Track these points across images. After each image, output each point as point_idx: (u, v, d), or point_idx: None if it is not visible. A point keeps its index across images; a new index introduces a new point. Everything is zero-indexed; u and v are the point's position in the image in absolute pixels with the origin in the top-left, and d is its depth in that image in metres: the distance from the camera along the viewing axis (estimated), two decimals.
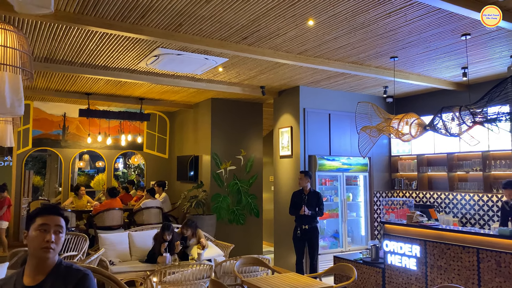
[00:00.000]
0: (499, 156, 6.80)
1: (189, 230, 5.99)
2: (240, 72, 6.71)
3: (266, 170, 10.27)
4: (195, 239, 6.04)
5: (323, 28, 4.71)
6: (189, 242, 5.99)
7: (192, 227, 6.03)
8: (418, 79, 6.83)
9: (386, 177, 8.58)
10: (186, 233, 5.98)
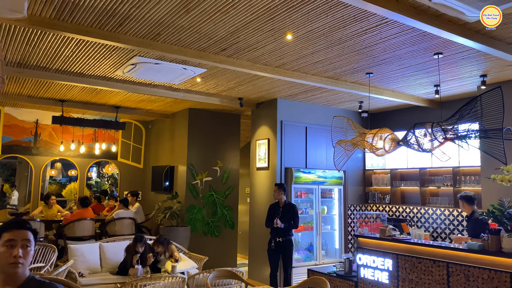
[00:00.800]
0: (468, 172, 7.00)
1: (161, 247, 5.89)
2: (218, 83, 6.71)
3: (242, 182, 10.25)
4: (167, 254, 5.94)
5: (301, 43, 4.78)
6: (159, 257, 5.87)
7: (164, 245, 5.91)
8: (392, 95, 6.99)
9: (360, 191, 8.69)
10: (157, 249, 5.87)
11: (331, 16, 4.04)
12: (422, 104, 7.44)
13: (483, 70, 5.71)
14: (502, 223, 4.11)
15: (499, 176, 4.17)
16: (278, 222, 6.12)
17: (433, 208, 7.45)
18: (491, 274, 4.05)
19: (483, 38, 4.45)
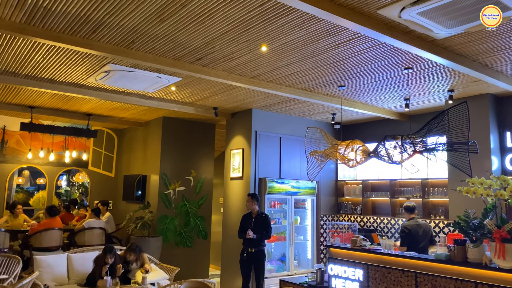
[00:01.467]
0: (437, 184, 7.20)
1: (133, 255, 5.77)
2: (193, 92, 6.70)
3: (216, 192, 10.19)
4: (138, 263, 5.82)
5: (276, 55, 4.84)
6: (131, 266, 5.76)
7: (136, 252, 5.80)
8: (364, 107, 7.14)
9: (332, 201, 8.79)
10: (129, 257, 5.75)
11: (305, 29, 4.11)
12: (393, 117, 7.63)
13: (450, 85, 5.92)
14: (468, 234, 4.23)
15: (464, 188, 4.31)
16: (250, 233, 6.11)
17: (403, 219, 7.59)
18: (457, 283, 4.16)
19: (450, 55, 4.63)
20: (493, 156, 6.20)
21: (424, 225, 5.88)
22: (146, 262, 5.82)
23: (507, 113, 6.41)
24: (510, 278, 3.78)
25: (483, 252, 4.11)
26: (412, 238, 5.60)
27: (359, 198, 8.39)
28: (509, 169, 6.20)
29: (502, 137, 6.35)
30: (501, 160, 6.32)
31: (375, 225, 8.18)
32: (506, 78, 5.42)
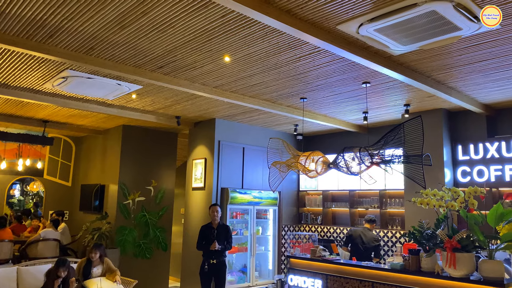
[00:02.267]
0: (394, 195, 7.43)
1: (98, 253, 5.64)
2: (155, 101, 6.60)
3: (177, 202, 10.04)
4: (101, 267, 5.65)
5: (239, 65, 4.87)
6: (93, 269, 5.58)
7: (101, 250, 5.70)
8: (325, 119, 7.29)
9: (294, 211, 8.86)
10: (94, 257, 5.60)
11: (267, 42, 4.16)
12: (352, 129, 7.82)
13: (406, 99, 6.15)
14: (421, 244, 4.38)
15: (419, 199, 4.47)
16: (217, 245, 6.04)
17: None
18: None
19: (405, 71, 4.82)
20: (446, 169, 6.47)
21: (369, 236, 6.25)
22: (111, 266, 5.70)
23: (458, 127, 6.73)
24: (460, 286, 3.94)
25: (435, 261, 4.27)
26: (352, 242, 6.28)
27: (319, 208, 8.51)
28: (461, 181, 6.48)
29: (454, 150, 6.64)
30: (453, 172, 6.60)
31: (335, 235, 8.31)
32: (457, 94, 5.69)
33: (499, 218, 3.98)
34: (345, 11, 3.50)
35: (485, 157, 6.29)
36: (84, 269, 5.59)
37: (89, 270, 5.58)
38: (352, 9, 3.46)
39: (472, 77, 5.09)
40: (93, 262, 5.65)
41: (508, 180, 6.01)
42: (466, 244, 3.98)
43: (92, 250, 5.70)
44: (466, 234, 4.01)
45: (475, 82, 5.27)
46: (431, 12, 3.41)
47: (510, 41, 4.03)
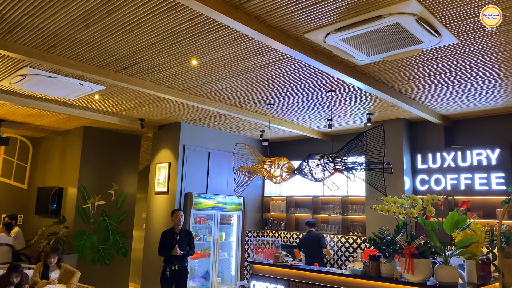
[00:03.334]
0: (355, 201, 7.58)
1: (56, 257, 5.41)
2: (118, 102, 6.45)
3: (139, 207, 9.82)
4: (59, 271, 5.43)
5: (206, 69, 4.84)
6: (50, 273, 5.35)
7: (58, 254, 5.48)
8: (291, 126, 7.36)
9: (258, 217, 8.87)
10: (53, 261, 5.39)
11: (236, 47, 4.16)
12: (317, 136, 7.95)
13: (369, 109, 6.32)
14: (381, 250, 4.48)
15: (379, 206, 4.58)
16: (178, 250, 5.93)
17: (324, 234, 7.87)
18: None
19: (369, 81, 4.95)
20: (406, 177, 6.68)
21: (312, 235, 6.88)
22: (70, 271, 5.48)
23: (418, 137, 6.98)
24: None
25: (394, 267, 4.38)
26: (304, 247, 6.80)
27: (283, 214, 8.56)
28: (419, 189, 6.71)
29: (413, 159, 6.87)
30: (413, 181, 6.83)
31: (298, 240, 8.37)
32: (418, 105, 5.90)
33: (454, 225, 4.13)
34: (312, 20, 3.56)
35: (442, 166, 6.54)
36: (41, 274, 5.36)
37: (47, 275, 5.36)
38: (319, 19, 3.53)
39: (432, 89, 5.30)
40: (50, 267, 5.42)
41: (463, 189, 6.27)
42: (423, 250, 4.10)
43: (50, 254, 5.46)
44: (423, 240, 4.14)
45: (434, 94, 5.49)
46: (395, 25, 3.52)
47: (467, 56, 4.23)
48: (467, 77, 4.81)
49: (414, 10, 3.33)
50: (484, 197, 6.15)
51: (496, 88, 5.17)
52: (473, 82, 4.97)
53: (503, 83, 4.98)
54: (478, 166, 6.19)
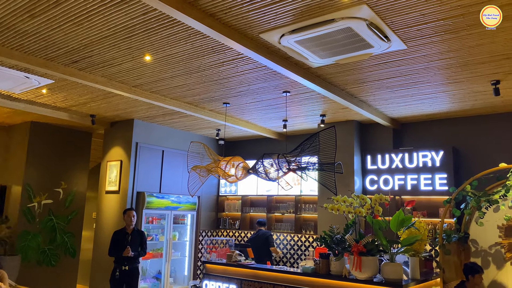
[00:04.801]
0: (308, 200, 7.73)
1: None
2: (68, 97, 6.19)
3: (89, 206, 9.48)
4: None
5: (160, 66, 4.75)
6: None
7: None
8: (247, 125, 7.38)
9: (212, 216, 8.83)
10: None
11: (191, 44, 4.12)
12: (272, 136, 8.02)
13: (322, 110, 6.46)
14: (331, 248, 4.60)
15: (330, 205, 4.69)
16: (130, 251, 5.78)
17: (278, 233, 7.97)
18: None
19: (322, 83, 5.06)
20: (356, 177, 6.89)
21: (260, 234, 6.96)
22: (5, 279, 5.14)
23: (368, 138, 7.21)
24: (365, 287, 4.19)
25: (343, 265, 4.50)
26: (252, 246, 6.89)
27: (238, 213, 8.57)
28: (369, 189, 6.94)
29: (364, 160, 7.10)
30: (363, 181, 7.05)
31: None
32: (368, 108, 6.10)
33: (400, 224, 4.31)
34: (267, 21, 3.58)
35: (391, 167, 6.80)
36: None
37: None
38: (275, 19, 3.56)
39: (381, 93, 5.50)
40: None
41: (409, 189, 6.56)
42: (371, 248, 4.25)
43: None
44: (371, 238, 4.29)
45: (383, 97, 5.70)
46: (347, 29, 3.62)
47: (414, 61, 4.42)
48: (414, 82, 5.04)
49: (365, 15, 3.44)
50: (428, 197, 6.46)
51: (440, 93, 5.44)
52: (419, 87, 5.21)
53: (446, 88, 5.25)
54: (423, 168, 6.49)
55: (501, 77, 4.79)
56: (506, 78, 4.81)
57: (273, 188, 8.07)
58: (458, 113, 6.35)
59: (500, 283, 5.03)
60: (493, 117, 6.28)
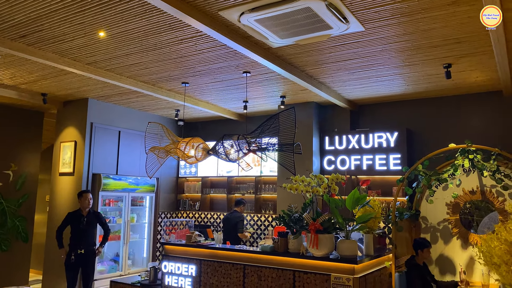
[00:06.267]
0: (268, 181, 7.81)
1: None
2: (16, 74, 5.85)
3: (42, 189, 9.12)
4: None
5: (115, 42, 4.57)
6: None
7: None
8: (207, 106, 7.30)
9: (172, 198, 8.74)
10: None
11: (147, 20, 3.97)
12: (233, 117, 7.98)
13: (282, 91, 6.48)
14: (290, 227, 4.68)
15: (289, 185, 4.75)
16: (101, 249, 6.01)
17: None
18: (279, 272, 4.56)
19: (282, 63, 5.06)
20: (314, 157, 7.02)
21: (232, 216, 6.83)
22: None
23: (326, 120, 7.34)
24: (321, 264, 4.32)
25: (301, 243, 4.60)
26: (223, 226, 6.92)
27: (198, 194, 8.54)
28: (327, 169, 7.10)
29: (322, 141, 7.23)
30: (321, 161, 7.20)
31: (212, 220, 8.44)
32: (327, 89, 6.18)
33: (355, 203, 4.45)
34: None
35: (348, 147, 6.97)
36: None
37: None
38: None
39: (339, 74, 5.58)
40: None
41: (365, 169, 6.76)
42: (327, 226, 4.36)
43: None
44: (328, 217, 4.40)
45: (341, 79, 5.79)
46: (306, 9, 3.61)
47: (372, 44, 4.50)
48: (371, 64, 5.14)
49: None
50: (383, 177, 6.69)
51: (396, 75, 5.59)
52: (376, 69, 5.33)
53: (402, 71, 5.40)
54: (378, 148, 6.70)
55: (452, 61, 4.98)
56: (457, 62, 5.00)
57: (233, 170, 8.07)
58: (412, 95, 6.57)
59: (447, 256, 5.34)
60: (445, 100, 6.55)
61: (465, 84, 5.94)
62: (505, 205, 4.95)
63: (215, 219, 8.41)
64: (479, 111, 6.28)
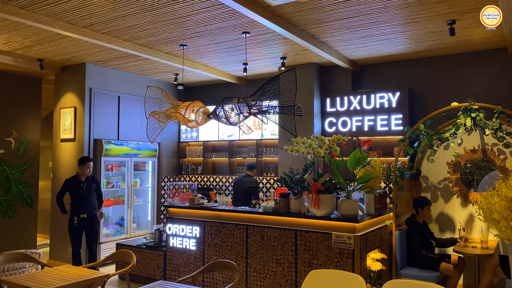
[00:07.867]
0: (269, 144, 7.82)
1: None
2: (11, 39, 5.74)
3: (45, 155, 9.18)
4: None
5: (111, 3, 4.44)
6: None
7: None
8: (206, 69, 7.20)
9: (174, 162, 8.80)
10: None
11: None
12: (233, 80, 7.89)
13: (283, 52, 6.36)
14: (291, 188, 4.72)
15: (290, 147, 4.76)
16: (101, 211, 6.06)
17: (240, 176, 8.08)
18: (281, 232, 4.65)
19: (282, 23, 4.93)
20: (315, 119, 6.99)
21: (246, 180, 6.91)
22: None
23: (328, 81, 7.25)
24: (322, 223, 4.39)
25: (302, 203, 4.66)
26: (234, 189, 6.93)
27: (200, 158, 8.58)
28: (328, 131, 7.08)
29: (323, 102, 7.17)
30: (322, 123, 7.17)
31: (214, 183, 8.53)
32: (328, 49, 6.06)
33: (356, 163, 4.46)
34: None
35: (349, 109, 6.92)
36: None
37: None
38: None
39: (341, 33, 5.45)
40: None
41: (366, 130, 6.75)
42: (328, 186, 4.40)
43: None
44: (329, 177, 4.43)
45: (343, 38, 5.66)
46: None
47: (373, 0, 4.36)
48: (373, 22, 5.01)
49: None
50: (384, 137, 6.69)
51: (398, 33, 5.47)
52: (378, 27, 5.20)
53: (404, 28, 5.28)
54: (380, 109, 6.65)
55: (456, 17, 4.85)
56: (461, 18, 4.87)
57: (234, 133, 8.07)
58: (414, 54, 6.45)
59: (446, 214, 5.41)
60: (447, 58, 6.44)
61: (468, 42, 5.81)
62: (506, 163, 4.96)
63: (217, 182, 8.50)
64: (482, 69, 6.18)
